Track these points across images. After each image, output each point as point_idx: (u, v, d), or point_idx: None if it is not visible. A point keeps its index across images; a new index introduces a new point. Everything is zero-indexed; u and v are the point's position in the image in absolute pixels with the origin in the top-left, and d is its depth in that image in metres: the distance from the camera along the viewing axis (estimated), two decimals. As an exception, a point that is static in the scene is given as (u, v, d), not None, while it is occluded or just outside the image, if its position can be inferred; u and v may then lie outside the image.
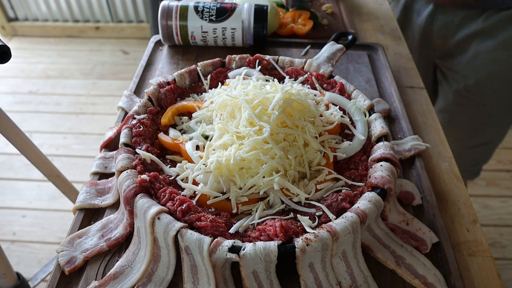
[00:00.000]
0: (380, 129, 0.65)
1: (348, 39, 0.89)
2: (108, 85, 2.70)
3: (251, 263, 0.49)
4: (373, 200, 0.55)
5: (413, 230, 0.60)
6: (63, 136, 2.33)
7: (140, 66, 0.92)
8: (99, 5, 3.00)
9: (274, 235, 0.51)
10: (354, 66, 0.94)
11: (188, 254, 0.51)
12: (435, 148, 0.78)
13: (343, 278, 0.53)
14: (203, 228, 0.52)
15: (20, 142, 1.00)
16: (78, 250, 0.57)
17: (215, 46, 0.96)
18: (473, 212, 0.67)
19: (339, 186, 0.60)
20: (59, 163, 1.98)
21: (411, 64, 1.01)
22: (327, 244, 0.50)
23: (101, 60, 2.92)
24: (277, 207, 0.57)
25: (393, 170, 0.59)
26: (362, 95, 0.73)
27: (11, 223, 1.90)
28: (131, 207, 0.56)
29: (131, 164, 0.60)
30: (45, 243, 1.82)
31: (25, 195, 2.02)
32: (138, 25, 3.08)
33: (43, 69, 2.83)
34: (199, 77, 0.79)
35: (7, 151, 2.16)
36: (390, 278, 0.55)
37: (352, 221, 0.52)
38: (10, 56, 0.74)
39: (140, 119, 0.67)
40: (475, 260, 0.61)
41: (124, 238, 0.58)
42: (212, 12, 0.89)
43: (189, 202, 0.55)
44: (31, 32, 3.14)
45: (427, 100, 0.90)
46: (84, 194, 0.64)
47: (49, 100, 2.58)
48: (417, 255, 0.57)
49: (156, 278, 0.53)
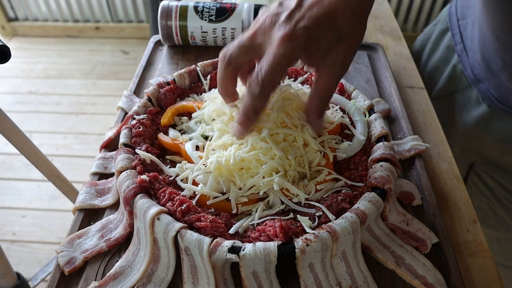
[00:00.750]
0: (380, 129, 0.65)
1: (348, 39, 0.88)
2: (108, 85, 2.70)
3: (251, 264, 0.49)
4: (373, 200, 0.55)
5: (413, 230, 0.60)
6: (63, 136, 2.33)
7: (140, 66, 0.92)
8: (99, 5, 3.00)
9: (274, 236, 0.51)
10: (354, 66, 0.94)
11: (188, 255, 0.51)
12: (435, 148, 0.78)
13: (343, 278, 0.53)
14: (203, 229, 0.52)
15: (20, 142, 1.00)
16: (78, 251, 0.57)
17: (215, 46, 0.96)
18: (473, 213, 0.67)
19: (339, 187, 0.60)
20: (59, 163, 1.98)
21: (411, 64, 1.01)
22: (327, 244, 0.50)
23: (101, 60, 2.92)
24: (277, 208, 0.57)
25: (393, 170, 0.59)
26: (362, 95, 0.73)
27: (11, 223, 1.90)
28: (130, 208, 0.56)
29: (130, 164, 0.60)
30: (45, 243, 1.82)
31: (25, 195, 2.02)
32: (138, 25, 3.08)
33: (43, 69, 2.83)
34: (199, 77, 0.78)
35: (7, 151, 2.17)
36: (390, 278, 0.55)
37: (352, 222, 0.52)
38: (10, 56, 0.74)
39: (139, 119, 0.67)
40: (475, 260, 0.61)
41: (124, 238, 0.58)
42: (212, 12, 0.89)
43: (189, 203, 0.54)
44: (31, 32, 3.15)
45: (427, 100, 0.90)
46: (84, 195, 0.64)
47: (49, 100, 2.58)
48: (417, 255, 0.57)
49: (156, 279, 0.53)
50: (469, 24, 0.88)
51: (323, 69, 0.50)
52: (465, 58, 0.90)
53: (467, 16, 0.89)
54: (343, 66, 0.51)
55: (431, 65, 1.02)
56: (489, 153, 0.91)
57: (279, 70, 0.48)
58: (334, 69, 0.50)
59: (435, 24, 1.05)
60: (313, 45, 0.48)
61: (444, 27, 0.98)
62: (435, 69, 1.00)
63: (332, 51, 0.49)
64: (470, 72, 0.88)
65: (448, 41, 0.96)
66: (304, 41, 0.47)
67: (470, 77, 0.88)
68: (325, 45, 0.49)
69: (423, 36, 1.09)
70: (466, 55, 0.89)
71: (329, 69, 0.50)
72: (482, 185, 0.95)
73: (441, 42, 0.99)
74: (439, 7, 2.77)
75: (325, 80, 0.51)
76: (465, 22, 0.90)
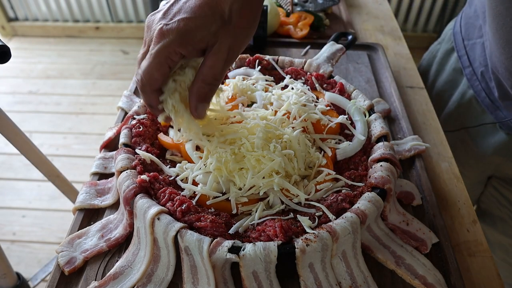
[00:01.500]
0: (380, 129, 0.65)
1: (348, 39, 0.88)
2: (108, 85, 2.70)
3: (251, 264, 0.49)
4: (373, 200, 0.55)
5: (413, 230, 0.60)
6: (63, 136, 2.33)
7: (140, 66, 0.91)
8: (99, 5, 3.00)
9: (274, 236, 0.51)
10: (354, 66, 0.94)
11: (188, 255, 0.51)
12: (435, 148, 0.78)
13: (343, 278, 0.53)
14: (203, 229, 0.52)
15: (20, 142, 1.00)
16: (78, 251, 0.57)
17: (215, 46, 0.96)
18: (473, 213, 0.67)
19: (339, 187, 0.60)
20: (59, 163, 1.98)
21: (411, 64, 1.01)
22: (327, 244, 0.50)
23: (101, 60, 2.92)
24: (277, 208, 0.57)
25: (393, 170, 0.59)
26: (362, 95, 0.73)
27: (11, 223, 1.90)
28: (130, 208, 0.56)
29: (130, 164, 0.60)
30: (45, 243, 1.82)
31: (25, 195, 2.02)
32: (138, 25, 3.08)
33: (43, 69, 2.83)
34: (199, 77, 0.78)
35: (7, 151, 2.16)
36: (390, 278, 0.55)
37: (352, 221, 0.52)
38: (10, 56, 0.74)
39: (139, 119, 0.67)
40: (475, 260, 0.61)
41: (124, 238, 0.58)
42: (212, 12, 0.89)
43: (189, 203, 0.54)
44: (31, 32, 3.15)
45: (427, 100, 0.90)
46: (84, 195, 0.64)
47: (49, 100, 2.58)
48: (417, 255, 0.57)
49: (156, 279, 0.53)
50: (477, 46, 0.84)
51: (208, 54, 0.49)
52: (476, 83, 0.85)
53: (473, 36, 0.85)
54: (231, 51, 0.49)
55: (439, 87, 0.99)
56: (508, 172, 0.89)
57: (155, 67, 0.49)
58: (220, 54, 0.49)
59: (439, 42, 1.01)
60: (192, 36, 0.47)
61: (449, 47, 0.95)
62: (443, 92, 0.96)
63: (217, 37, 0.48)
64: (485, 98, 0.83)
65: (455, 63, 0.92)
66: (180, 34, 0.47)
67: (485, 103, 0.83)
68: (207, 33, 0.48)
69: (428, 55, 1.06)
70: (477, 79, 0.84)
71: (214, 54, 0.49)
72: (500, 196, 0.93)
73: (447, 63, 0.95)
74: (439, 7, 2.77)
75: (210, 64, 0.49)
76: (471, 42, 0.86)
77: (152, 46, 0.48)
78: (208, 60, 0.49)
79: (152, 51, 0.48)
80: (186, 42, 0.48)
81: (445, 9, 2.78)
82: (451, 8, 2.76)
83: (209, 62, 0.49)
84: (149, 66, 0.49)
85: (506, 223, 0.94)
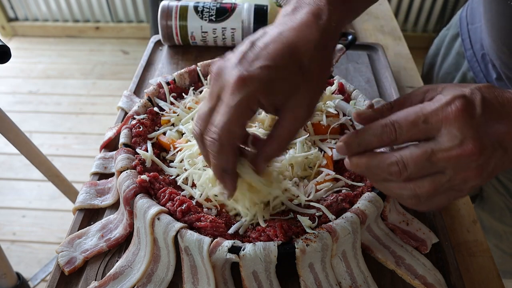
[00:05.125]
0: (380, 129, 0.65)
1: (348, 39, 0.88)
2: (108, 85, 2.70)
3: (251, 264, 0.49)
4: (373, 200, 0.55)
5: (413, 230, 0.60)
6: (63, 136, 2.33)
7: (140, 66, 0.92)
8: (99, 5, 3.00)
9: (274, 236, 0.51)
10: (354, 66, 0.94)
11: (188, 255, 0.51)
12: (435, 148, 0.78)
13: (343, 278, 0.53)
14: (203, 229, 0.52)
15: (20, 142, 1.00)
16: (78, 251, 0.57)
17: (215, 46, 0.96)
18: (473, 213, 0.67)
19: (339, 187, 0.60)
20: (59, 163, 1.98)
21: (411, 64, 1.01)
22: (327, 244, 0.50)
23: (101, 60, 2.92)
24: (277, 208, 0.57)
25: (393, 170, 0.59)
26: (362, 95, 0.73)
27: (11, 223, 1.90)
28: (130, 208, 0.56)
29: (130, 164, 0.60)
30: (45, 243, 1.82)
31: (25, 195, 2.02)
32: (138, 25, 3.08)
33: (43, 69, 2.83)
34: (199, 77, 0.78)
35: (7, 151, 2.16)
36: (390, 278, 0.55)
37: (352, 221, 0.52)
38: (10, 56, 0.74)
39: (140, 119, 0.67)
40: (475, 260, 0.61)
41: (124, 238, 0.58)
42: (212, 12, 0.89)
43: (189, 202, 0.54)
44: (31, 32, 3.14)
45: (427, 100, 0.90)
46: (84, 195, 0.64)
47: (49, 100, 2.58)
48: (417, 255, 0.57)
49: (156, 279, 0.53)
50: (478, 29, 0.85)
51: (286, 112, 0.43)
52: (475, 65, 0.85)
53: (475, 20, 0.86)
54: (309, 108, 0.44)
55: (444, 71, 0.99)
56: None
57: (236, 122, 0.41)
58: (300, 111, 0.43)
59: (448, 28, 1.02)
60: (274, 86, 0.42)
61: (456, 32, 0.96)
62: (447, 75, 0.97)
63: (297, 91, 0.43)
64: (482, 79, 0.83)
65: (458, 47, 0.93)
66: (263, 83, 0.41)
67: None
68: (287, 86, 0.42)
69: (438, 40, 1.07)
70: (477, 61, 0.85)
71: (293, 112, 0.43)
72: (498, 183, 0.93)
73: (453, 48, 0.96)
74: (439, 7, 2.77)
75: (288, 124, 0.44)
76: (474, 26, 0.86)
77: (230, 96, 0.41)
78: (286, 120, 0.44)
79: (231, 102, 0.41)
80: (271, 92, 0.42)
81: (445, 9, 2.78)
82: (451, 8, 2.76)
83: (287, 122, 0.44)
84: (229, 121, 0.41)
85: (503, 210, 0.95)
